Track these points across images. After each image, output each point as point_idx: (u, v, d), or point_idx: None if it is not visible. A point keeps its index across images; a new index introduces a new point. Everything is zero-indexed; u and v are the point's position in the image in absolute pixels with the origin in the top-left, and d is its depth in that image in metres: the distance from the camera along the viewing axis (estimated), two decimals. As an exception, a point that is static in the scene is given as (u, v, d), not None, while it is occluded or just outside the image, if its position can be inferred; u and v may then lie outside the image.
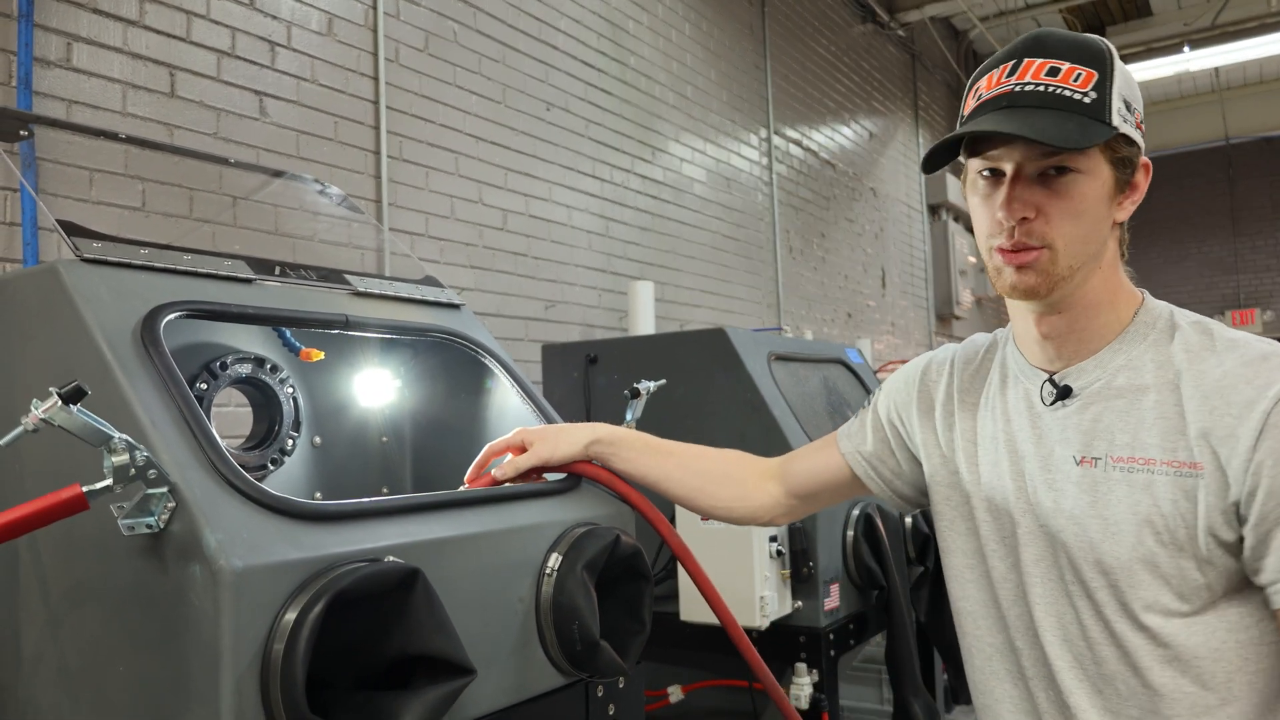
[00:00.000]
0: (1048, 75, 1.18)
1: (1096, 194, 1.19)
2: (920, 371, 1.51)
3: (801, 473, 1.61)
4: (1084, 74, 1.17)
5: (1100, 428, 1.23)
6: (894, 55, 9.55)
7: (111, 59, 2.89)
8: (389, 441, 2.05)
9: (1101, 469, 1.21)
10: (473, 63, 4.29)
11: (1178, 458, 1.15)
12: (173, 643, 1.05)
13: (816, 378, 3.48)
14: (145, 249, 1.39)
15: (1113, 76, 1.18)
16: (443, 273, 3.99)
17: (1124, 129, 1.18)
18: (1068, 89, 1.17)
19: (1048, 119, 1.15)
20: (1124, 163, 1.21)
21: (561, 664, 1.42)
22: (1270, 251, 13.11)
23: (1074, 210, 1.19)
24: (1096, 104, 1.16)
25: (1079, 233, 1.19)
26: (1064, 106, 1.16)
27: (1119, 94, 1.18)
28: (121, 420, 1.11)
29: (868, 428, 1.55)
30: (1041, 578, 1.27)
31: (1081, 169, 1.18)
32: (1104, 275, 1.25)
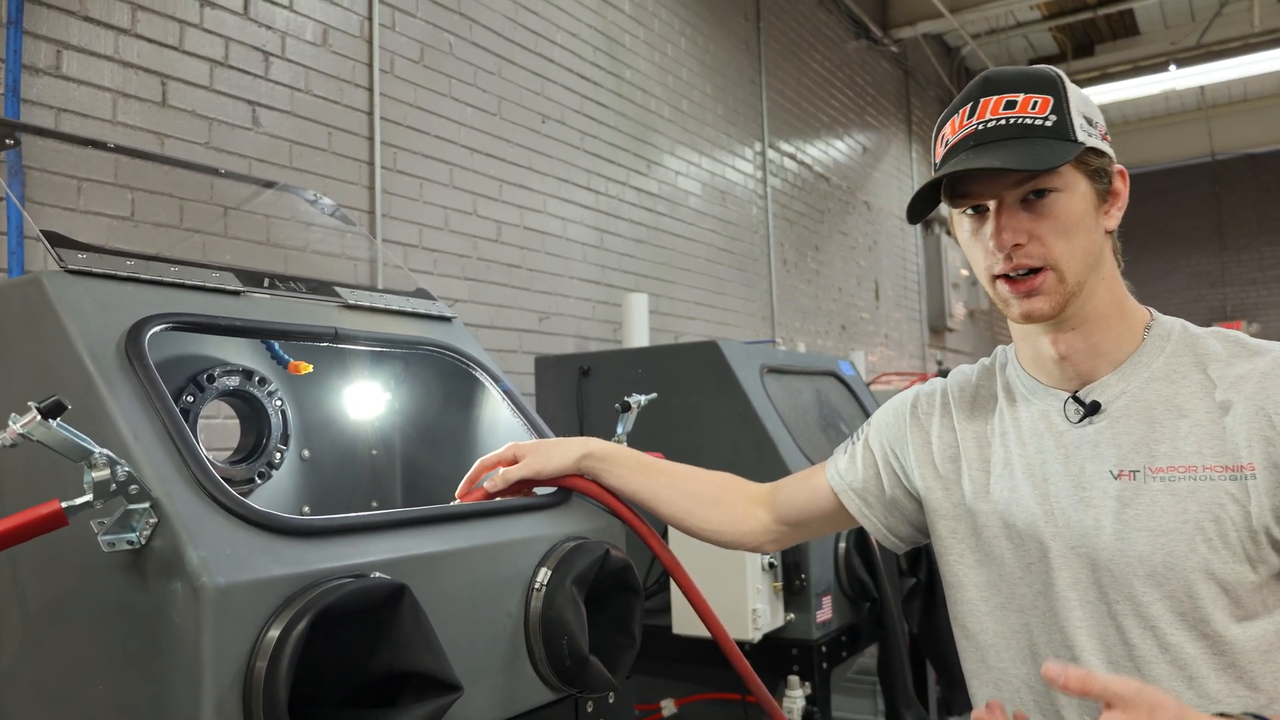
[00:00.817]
0: (1006, 109, 1.23)
1: (1080, 208, 1.22)
2: (910, 405, 1.50)
3: (790, 502, 1.59)
4: (1040, 100, 1.22)
5: (1134, 440, 1.23)
6: (887, 71, 9.59)
7: (102, 67, 2.87)
8: (379, 455, 2.04)
9: (1141, 480, 1.21)
10: (468, 75, 4.29)
11: (1222, 462, 1.17)
12: (154, 661, 1.03)
13: (809, 390, 3.47)
14: (131, 260, 1.37)
15: (1067, 98, 1.23)
16: (436, 284, 3.98)
17: (1090, 142, 1.22)
18: (1028, 117, 1.21)
19: (1015, 148, 1.19)
20: (1099, 174, 1.24)
21: (550, 679, 1.41)
22: (1255, 265, 13.25)
23: (1063, 227, 1.21)
24: (1059, 125, 1.21)
25: (1075, 247, 1.22)
26: (1028, 134, 1.21)
27: (1077, 111, 1.22)
28: (104, 434, 1.10)
29: (858, 462, 1.53)
30: (1080, 600, 1.25)
31: (1059, 187, 1.21)
32: (1108, 286, 1.28)
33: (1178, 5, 10.13)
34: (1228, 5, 9.42)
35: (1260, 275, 13.22)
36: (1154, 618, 1.19)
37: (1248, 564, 1.15)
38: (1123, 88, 10.04)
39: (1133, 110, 12.41)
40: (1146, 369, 1.26)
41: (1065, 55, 10.93)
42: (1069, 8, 9.94)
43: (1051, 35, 10.74)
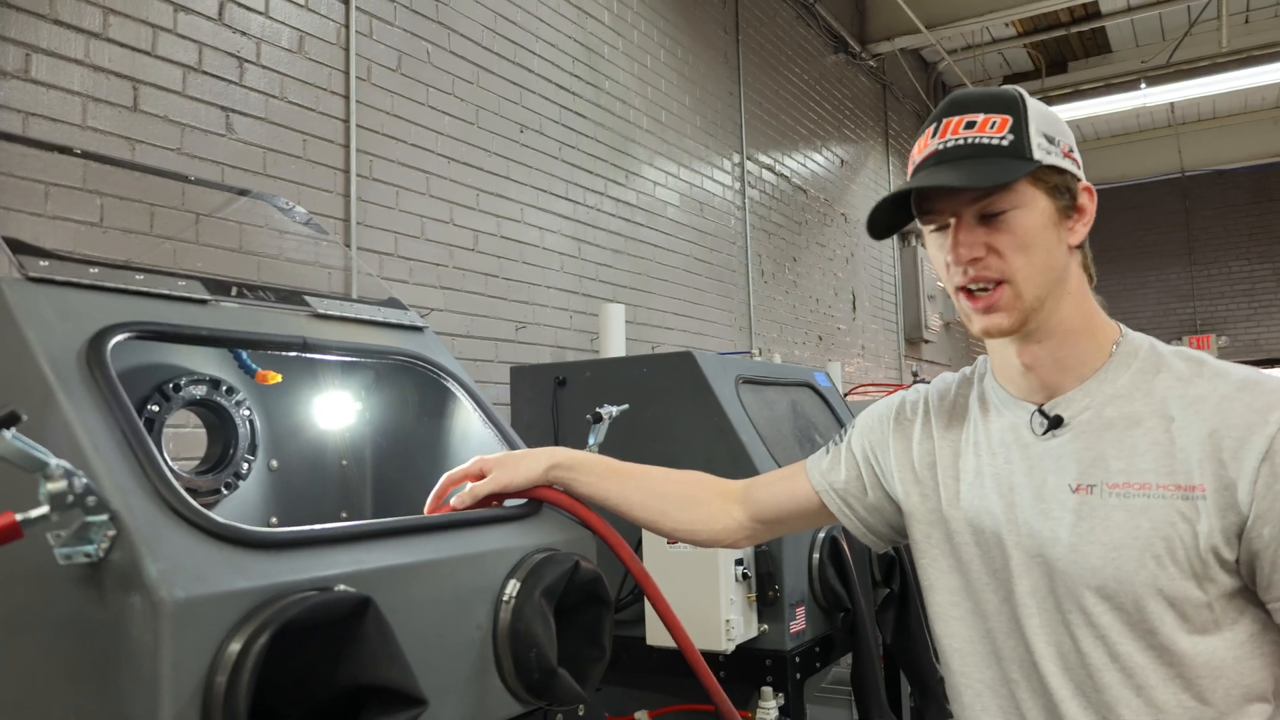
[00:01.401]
0: (966, 129, 1.27)
1: (1038, 224, 1.25)
2: (894, 410, 1.52)
3: (767, 499, 1.61)
4: (999, 120, 1.26)
5: (1094, 456, 1.26)
6: (865, 85, 9.65)
7: (72, 71, 2.85)
8: (348, 466, 2.02)
9: (1098, 495, 1.24)
10: (446, 83, 4.28)
11: (1175, 480, 1.19)
12: (111, 676, 1.01)
13: (784, 401, 3.47)
14: (95, 268, 1.35)
15: (1027, 117, 1.26)
16: (412, 293, 3.96)
17: (1048, 160, 1.24)
18: (985, 136, 1.25)
19: (969, 166, 1.24)
20: (1060, 190, 1.26)
21: (519, 692, 1.40)
22: (1224, 279, 13.44)
23: (1020, 243, 1.24)
24: (1015, 144, 1.24)
25: (1032, 263, 1.24)
26: (985, 153, 1.24)
27: (1037, 131, 1.25)
28: (63, 445, 1.08)
29: (841, 462, 1.56)
30: (1038, 608, 1.28)
31: (1016, 204, 1.24)
32: (1074, 301, 1.29)
33: (1149, 24, 10.28)
34: (1197, 25, 9.58)
35: (1229, 289, 13.41)
36: (1104, 628, 1.22)
37: (1195, 582, 1.18)
38: (1095, 104, 10.16)
39: (1105, 126, 12.56)
40: (1111, 385, 1.28)
41: (1040, 72, 11.06)
42: (1043, 25, 10.07)
43: (1026, 52, 10.87)
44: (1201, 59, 9.78)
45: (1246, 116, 12.23)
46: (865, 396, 6.90)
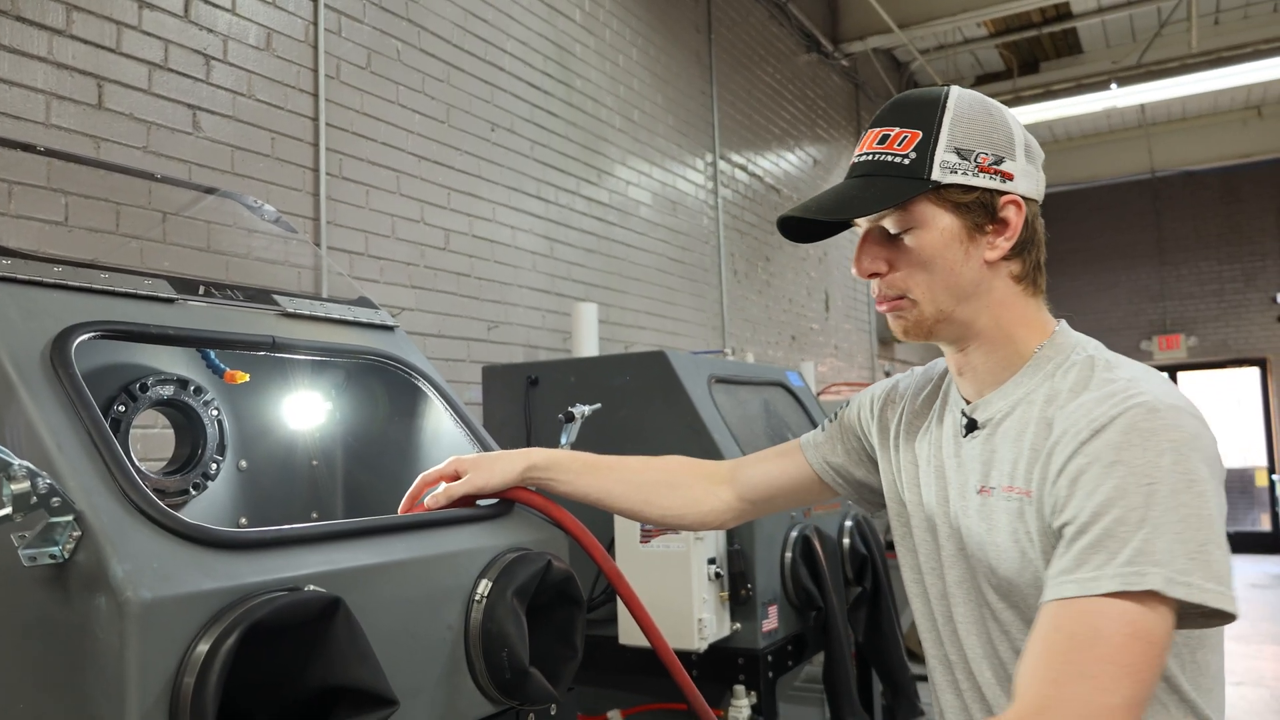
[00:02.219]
0: (878, 143, 1.28)
1: (938, 243, 1.24)
2: (885, 395, 1.56)
3: (759, 478, 1.64)
4: (908, 136, 1.25)
5: (995, 459, 1.28)
6: (838, 84, 9.70)
7: (35, 68, 2.81)
8: (319, 466, 2.01)
9: (995, 498, 1.26)
10: (416, 81, 4.25)
11: (1030, 486, 1.20)
12: (77, 678, 1.00)
13: (757, 401, 3.49)
14: (60, 266, 1.34)
15: (938, 133, 1.24)
16: (383, 292, 3.94)
17: (948, 179, 1.23)
18: (889, 154, 1.25)
19: (858, 187, 1.25)
20: (970, 207, 1.24)
21: (491, 692, 1.39)
22: (1194, 280, 13.58)
23: (919, 261, 1.25)
24: (915, 163, 1.23)
25: (933, 280, 1.26)
26: (883, 171, 1.25)
27: (947, 147, 1.23)
28: (27, 446, 1.07)
29: (836, 440, 1.60)
30: (964, 599, 1.32)
31: (912, 225, 1.25)
32: (995, 313, 1.28)
33: (1119, 25, 10.37)
34: (1167, 26, 9.68)
35: (1198, 290, 13.55)
36: (1007, 623, 1.26)
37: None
38: (1066, 105, 10.25)
39: (1076, 127, 12.67)
40: (1021, 390, 1.27)
41: (1011, 72, 11.14)
42: (1015, 25, 10.14)
43: (998, 52, 10.95)
44: (1171, 60, 9.88)
45: (1216, 118, 12.36)
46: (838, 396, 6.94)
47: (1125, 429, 1.09)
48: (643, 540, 2.64)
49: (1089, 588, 1.04)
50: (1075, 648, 1.02)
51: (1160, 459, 1.06)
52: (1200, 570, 1.02)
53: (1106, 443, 1.10)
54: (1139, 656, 1.01)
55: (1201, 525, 1.04)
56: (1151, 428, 1.08)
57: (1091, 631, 1.02)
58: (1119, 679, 0.99)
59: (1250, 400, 13.39)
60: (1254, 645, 7.56)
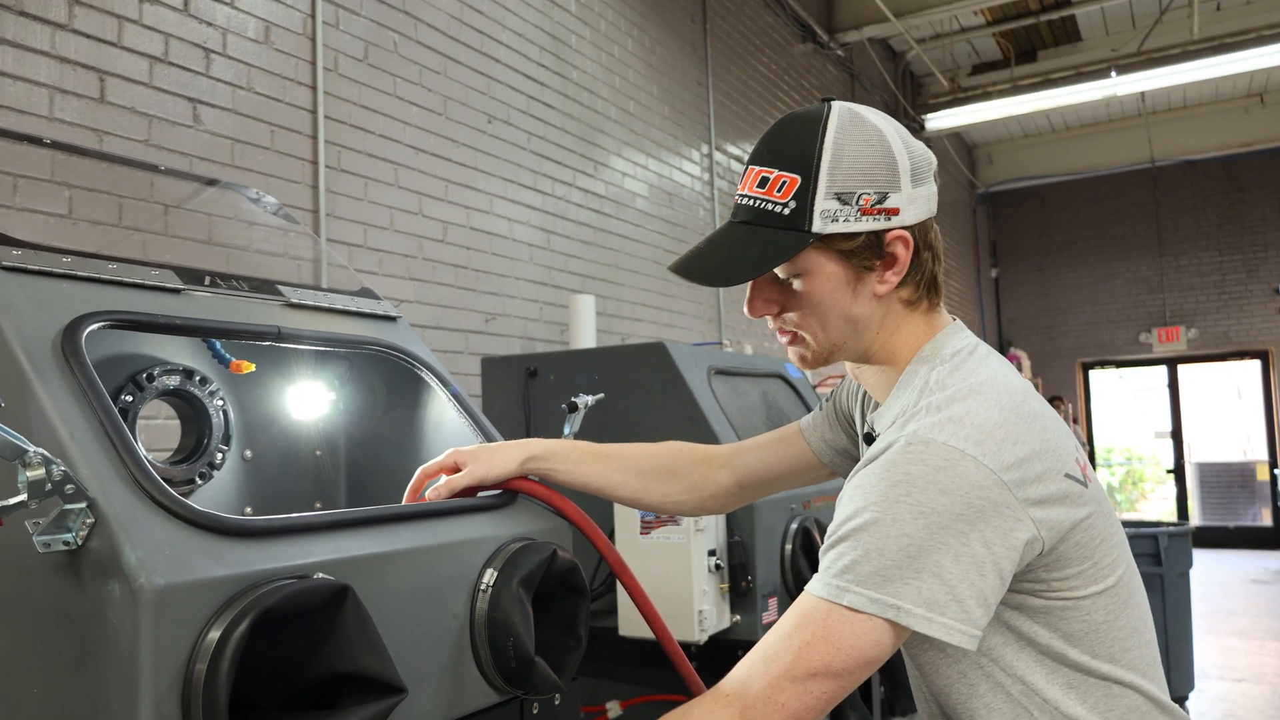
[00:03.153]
0: (758, 187, 1.25)
1: (825, 288, 1.26)
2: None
3: (758, 463, 1.66)
4: (788, 182, 1.22)
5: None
6: (833, 74, 9.69)
7: (38, 62, 2.81)
8: (323, 456, 2.02)
9: None
10: (413, 74, 4.26)
11: None
12: (90, 663, 1.01)
13: (756, 392, 3.50)
14: (68, 257, 1.35)
15: (817, 179, 1.20)
16: (382, 284, 3.95)
17: (829, 229, 1.21)
18: (770, 201, 1.23)
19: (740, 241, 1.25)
20: (854, 252, 1.24)
21: (496, 681, 1.40)
22: (1194, 271, 13.51)
23: (807, 304, 1.27)
24: (795, 214, 1.21)
25: (823, 321, 1.28)
26: (764, 221, 1.23)
27: (826, 193, 1.20)
28: (39, 433, 1.08)
29: (831, 422, 1.62)
30: None
31: (799, 271, 1.25)
32: (884, 338, 1.31)
33: (1119, 12, 10.33)
34: (1168, 13, 9.60)
35: (1198, 280, 13.48)
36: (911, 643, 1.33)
37: None
38: (1065, 94, 10.20)
39: (1074, 116, 12.63)
40: (900, 403, 1.28)
41: (1009, 60, 11.13)
42: (1012, 13, 10.11)
43: (995, 40, 10.93)
44: (1172, 47, 9.78)
45: (1217, 106, 12.30)
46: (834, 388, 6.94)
47: (881, 461, 1.15)
48: (643, 531, 2.65)
49: (810, 587, 1.15)
50: (776, 632, 1.15)
51: (891, 490, 1.11)
52: (911, 596, 1.09)
53: (865, 470, 1.17)
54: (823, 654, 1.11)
55: (920, 555, 1.09)
56: (896, 460, 1.13)
57: (794, 623, 1.14)
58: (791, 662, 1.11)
59: (1251, 393, 13.32)
60: (1256, 641, 7.57)
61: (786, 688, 1.11)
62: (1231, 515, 13.38)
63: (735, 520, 2.73)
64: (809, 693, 1.11)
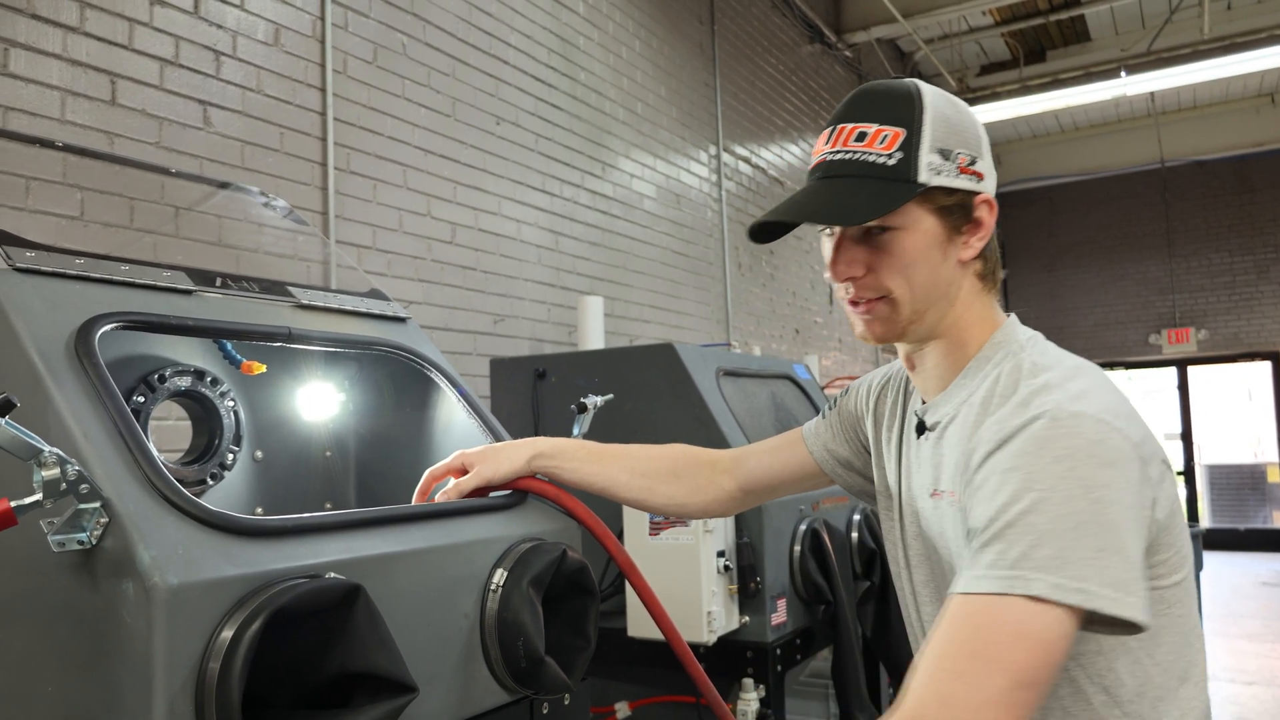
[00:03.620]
0: (856, 141, 1.22)
1: (920, 245, 1.23)
2: (880, 384, 1.55)
3: (761, 469, 1.65)
4: (890, 135, 1.21)
5: (943, 462, 1.27)
6: (841, 75, 9.69)
7: (50, 65, 2.83)
8: (332, 456, 2.03)
9: (945, 501, 1.26)
10: (422, 76, 4.27)
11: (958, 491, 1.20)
12: (104, 662, 1.02)
13: (764, 393, 3.50)
14: (81, 259, 1.36)
15: (921, 132, 1.21)
16: (390, 286, 3.96)
17: (936, 181, 1.20)
18: (872, 154, 1.21)
19: (844, 190, 1.21)
20: (950, 210, 1.23)
21: (506, 681, 1.41)
22: (1204, 272, 13.43)
23: (900, 264, 1.23)
24: (901, 164, 1.20)
25: (913, 282, 1.23)
26: (867, 173, 1.21)
27: (930, 147, 1.20)
28: (54, 433, 1.09)
29: (835, 430, 1.60)
30: (929, 599, 1.34)
31: (898, 225, 1.21)
32: (957, 313, 1.28)
33: (1129, 12, 10.28)
34: (1178, 12, 9.55)
35: (1208, 282, 13.40)
36: None
37: None
38: (1074, 94, 10.14)
39: (1084, 116, 12.58)
40: (964, 392, 1.27)
41: (1018, 61, 11.10)
42: (1021, 13, 10.08)
43: (1004, 41, 10.90)
44: (1182, 46, 9.72)
45: (1227, 105, 12.23)
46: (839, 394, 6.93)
47: (1025, 439, 1.10)
48: (651, 533, 2.66)
49: (976, 586, 1.05)
50: (956, 645, 1.02)
51: (1054, 466, 1.07)
52: (1096, 576, 1.02)
53: (1007, 453, 1.10)
54: (1019, 653, 1.00)
55: (1099, 532, 1.04)
56: (1049, 436, 1.09)
57: (973, 630, 1.02)
58: (992, 675, 0.99)
59: (1262, 395, 13.22)
60: (1265, 644, 7.53)
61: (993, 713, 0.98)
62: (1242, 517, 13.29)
63: (744, 522, 2.73)
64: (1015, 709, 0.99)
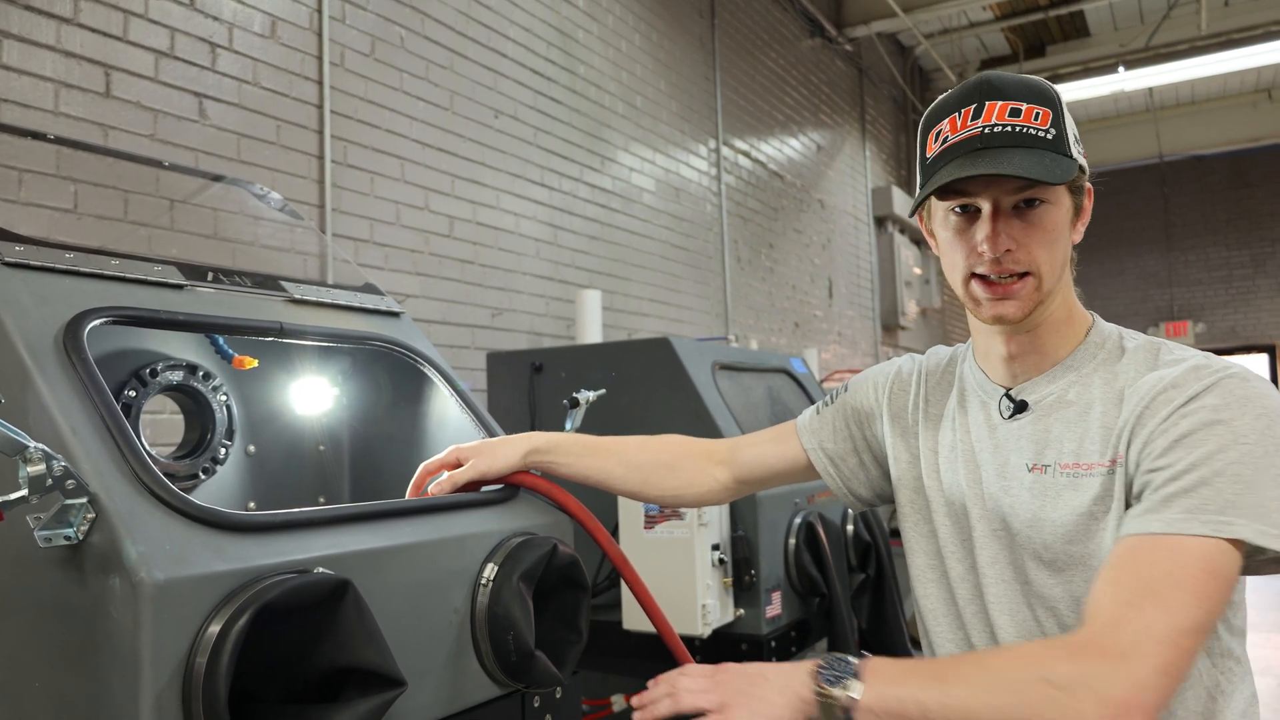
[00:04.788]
0: (1011, 116, 1.25)
1: (1062, 221, 1.29)
2: (890, 380, 1.57)
3: (754, 461, 1.67)
4: (1042, 113, 1.26)
5: (1051, 438, 1.31)
6: (841, 70, 9.67)
7: (44, 57, 2.82)
8: (326, 451, 2.03)
9: (1051, 475, 1.30)
10: (420, 69, 4.26)
11: (1109, 456, 1.24)
12: (91, 657, 1.02)
13: (761, 387, 3.50)
14: (71, 253, 1.35)
15: (1063, 112, 1.27)
16: (388, 280, 3.95)
17: (1080, 159, 1.27)
18: (1032, 127, 1.25)
19: (1024, 157, 1.22)
20: (1078, 190, 1.31)
21: (497, 675, 1.41)
22: (1202, 266, 13.48)
23: (1049, 238, 1.27)
24: (1058, 139, 1.25)
25: (1054, 258, 1.29)
26: (1032, 144, 1.24)
27: (1070, 129, 1.27)
28: (40, 429, 1.09)
29: (831, 426, 1.62)
30: (996, 578, 1.35)
31: (1050, 199, 1.27)
32: (1064, 295, 1.34)
33: (1127, 7, 10.30)
34: (1176, 8, 9.58)
35: (1206, 276, 13.46)
36: (1054, 600, 1.29)
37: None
38: (1073, 89, 10.18)
39: (1082, 111, 12.59)
40: (1075, 372, 1.33)
41: (1017, 56, 11.09)
42: (1021, 8, 10.08)
43: (1004, 36, 10.89)
44: (1180, 42, 9.79)
45: (1225, 101, 12.27)
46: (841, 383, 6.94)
47: (1223, 394, 1.17)
48: (647, 526, 2.66)
49: (1176, 527, 1.12)
50: (1154, 576, 1.10)
51: (1257, 422, 1.15)
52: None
53: (1205, 405, 1.17)
54: (1213, 590, 1.09)
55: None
56: (1247, 395, 1.17)
57: (1171, 563, 1.10)
58: (1191, 607, 1.07)
59: (1258, 387, 13.34)
60: (1263, 634, 7.56)
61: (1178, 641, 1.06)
62: (1239, 510, 13.37)
63: (739, 515, 2.73)
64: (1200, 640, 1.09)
